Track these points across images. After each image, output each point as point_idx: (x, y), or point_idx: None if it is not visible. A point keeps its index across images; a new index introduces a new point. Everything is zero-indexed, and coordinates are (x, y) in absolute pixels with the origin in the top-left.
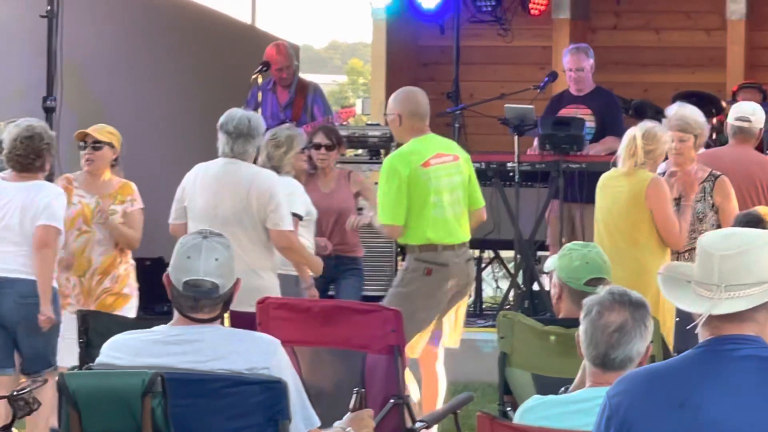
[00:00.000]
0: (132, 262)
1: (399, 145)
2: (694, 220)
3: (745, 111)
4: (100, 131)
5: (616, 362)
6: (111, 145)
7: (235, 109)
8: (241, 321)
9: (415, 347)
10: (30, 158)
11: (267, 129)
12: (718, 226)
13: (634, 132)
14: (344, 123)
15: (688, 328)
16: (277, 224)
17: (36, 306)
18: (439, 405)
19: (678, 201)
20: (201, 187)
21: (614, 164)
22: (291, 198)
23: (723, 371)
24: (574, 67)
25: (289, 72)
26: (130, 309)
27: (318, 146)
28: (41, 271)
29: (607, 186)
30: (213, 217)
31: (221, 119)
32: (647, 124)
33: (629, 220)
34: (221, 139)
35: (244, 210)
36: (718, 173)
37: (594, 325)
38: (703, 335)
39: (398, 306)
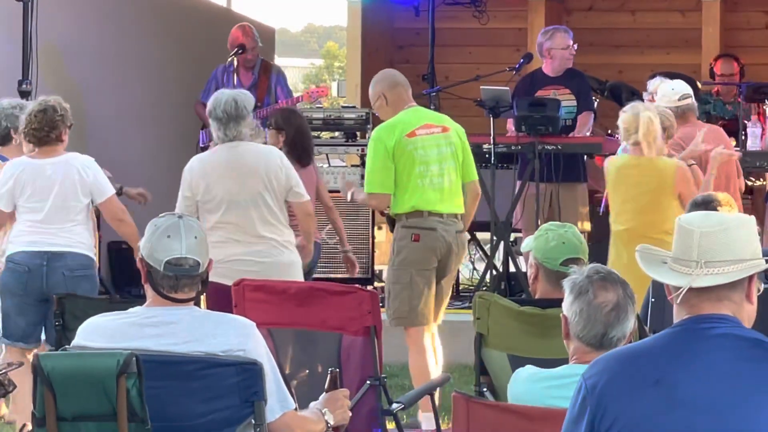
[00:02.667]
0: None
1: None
2: None
3: (683, 89)
4: None
5: (613, 341)
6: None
7: (220, 91)
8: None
9: (438, 315)
10: (45, 131)
11: None
12: None
13: (648, 115)
14: (316, 102)
15: (668, 300)
16: (301, 195)
17: (83, 279)
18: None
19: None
20: (215, 177)
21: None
22: None
23: (699, 350)
24: (570, 44)
25: (254, 53)
26: None
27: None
28: (133, 234)
29: (624, 174)
30: (236, 204)
31: (209, 105)
32: (647, 105)
33: (660, 207)
34: (213, 126)
35: (266, 189)
36: (692, 162)
37: (591, 304)
38: (679, 314)
39: (395, 277)
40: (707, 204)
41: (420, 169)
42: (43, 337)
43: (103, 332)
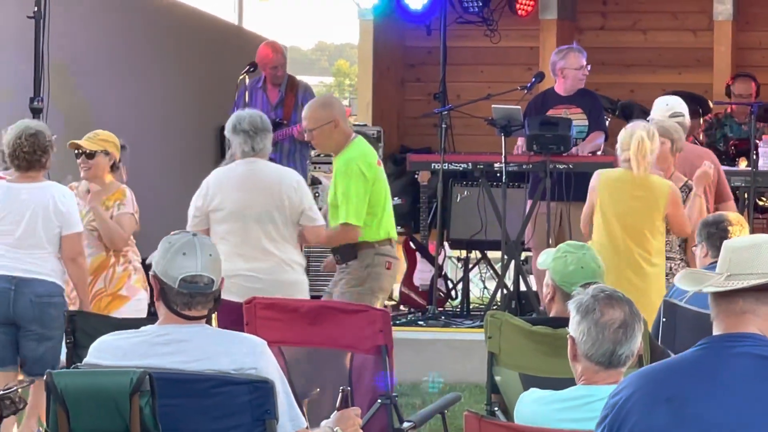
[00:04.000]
0: (136, 262)
1: (338, 151)
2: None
3: (676, 106)
4: (93, 140)
5: (622, 359)
6: (105, 152)
7: (238, 111)
8: None
9: None
10: (37, 155)
11: None
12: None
13: (641, 134)
14: None
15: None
16: (314, 219)
17: (50, 306)
18: None
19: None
20: (228, 189)
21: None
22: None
23: (716, 368)
24: (583, 65)
25: (283, 70)
26: (128, 311)
27: None
28: (81, 278)
29: (617, 188)
30: (244, 217)
31: (231, 122)
32: (645, 125)
33: (647, 224)
34: (237, 140)
35: (276, 208)
36: (692, 185)
37: (598, 323)
38: (714, 332)
39: (360, 302)
40: (718, 224)
41: (388, 198)
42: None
43: (115, 350)
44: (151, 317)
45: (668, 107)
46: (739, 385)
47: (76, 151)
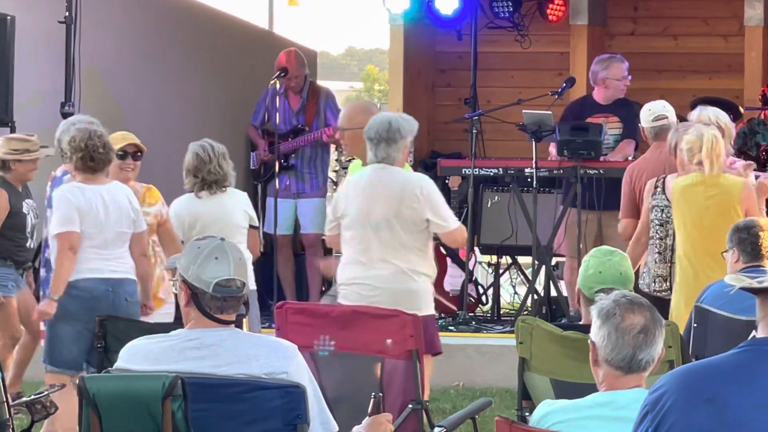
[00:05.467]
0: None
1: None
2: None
3: (659, 110)
4: (136, 141)
5: (642, 363)
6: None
7: (380, 114)
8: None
9: None
10: (109, 155)
11: (280, 134)
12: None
13: (714, 133)
14: None
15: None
16: (442, 227)
17: (137, 304)
18: None
19: None
20: (354, 194)
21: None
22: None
23: (756, 371)
24: (625, 75)
25: (298, 81)
26: (165, 314)
27: None
28: (150, 274)
29: (693, 192)
30: (365, 224)
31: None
32: (705, 126)
33: (726, 222)
34: (367, 146)
35: (395, 214)
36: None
37: (618, 328)
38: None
39: None
40: (749, 229)
41: None
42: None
43: (146, 355)
44: (177, 322)
45: (651, 112)
46: None
47: (119, 152)
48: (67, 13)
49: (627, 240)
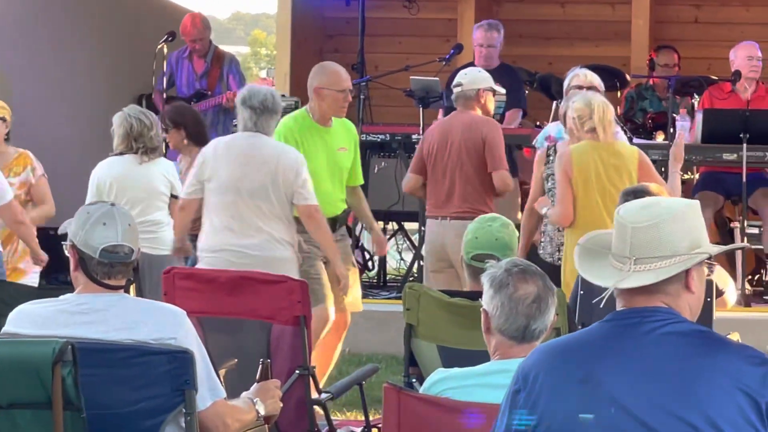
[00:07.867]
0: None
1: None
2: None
3: (458, 77)
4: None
5: (535, 333)
6: (3, 119)
7: (254, 84)
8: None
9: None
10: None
11: (182, 98)
12: None
13: (602, 100)
14: None
15: (593, 302)
16: (307, 199)
17: (2, 274)
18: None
19: None
20: (225, 160)
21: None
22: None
23: (625, 346)
24: (485, 43)
25: (203, 44)
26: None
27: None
28: (29, 234)
29: (593, 160)
30: (237, 190)
31: (243, 94)
32: (593, 93)
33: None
34: (244, 114)
35: (271, 183)
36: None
37: (511, 298)
38: (617, 306)
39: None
40: (636, 193)
41: None
42: None
43: (34, 319)
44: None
45: (455, 81)
46: (648, 364)
47: None
48: None
49: (410, 192)
